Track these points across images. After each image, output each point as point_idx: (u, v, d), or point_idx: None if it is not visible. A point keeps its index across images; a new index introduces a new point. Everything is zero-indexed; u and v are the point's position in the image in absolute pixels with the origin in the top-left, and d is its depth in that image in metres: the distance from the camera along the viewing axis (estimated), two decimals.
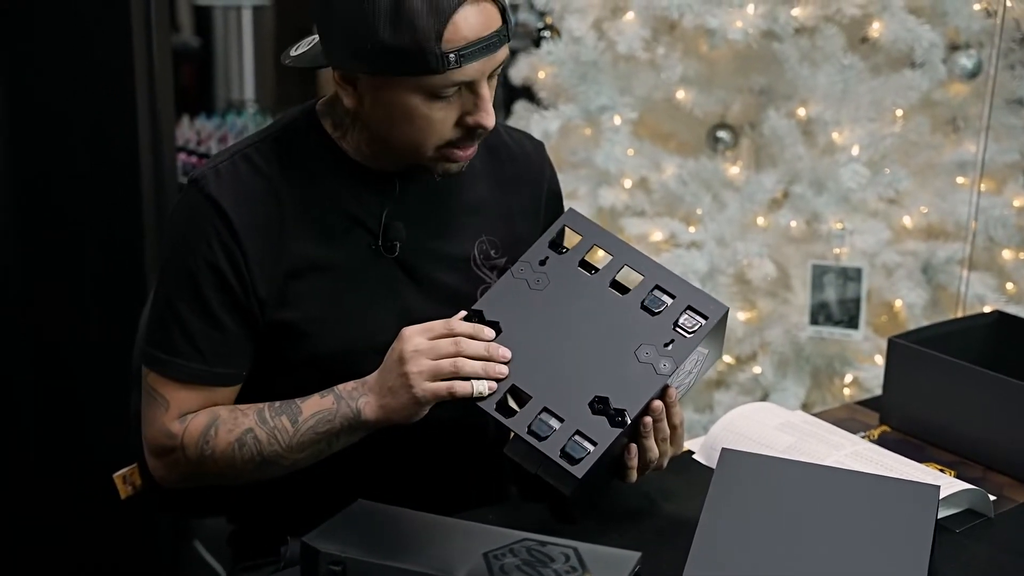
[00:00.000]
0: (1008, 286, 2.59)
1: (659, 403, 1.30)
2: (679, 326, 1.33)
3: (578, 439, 1.25)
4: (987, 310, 2.21)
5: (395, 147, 1.35)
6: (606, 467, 1.31)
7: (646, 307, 1.34)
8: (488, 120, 1.32)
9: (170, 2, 3.33)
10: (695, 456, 1.54)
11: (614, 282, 1.36)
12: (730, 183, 2.62)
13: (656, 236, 2.60)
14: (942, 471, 1.54)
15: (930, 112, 2.59)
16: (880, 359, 2.47)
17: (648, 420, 1.30)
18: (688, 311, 1.34)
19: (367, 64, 1.27)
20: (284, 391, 1.37)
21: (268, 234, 1.37)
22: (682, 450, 1.41)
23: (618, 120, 2.63)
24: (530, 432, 1.26)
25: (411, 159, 1.37)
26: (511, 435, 1.28)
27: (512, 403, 1.29)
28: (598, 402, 1.27)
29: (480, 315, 1.33)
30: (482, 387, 1.27)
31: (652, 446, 1.32)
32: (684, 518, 1.33)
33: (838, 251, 2.49)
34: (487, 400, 1.28)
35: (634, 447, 1.32)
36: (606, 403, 1.27)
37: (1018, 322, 1.80)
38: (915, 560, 1.19)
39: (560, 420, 1.26)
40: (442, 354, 1.27)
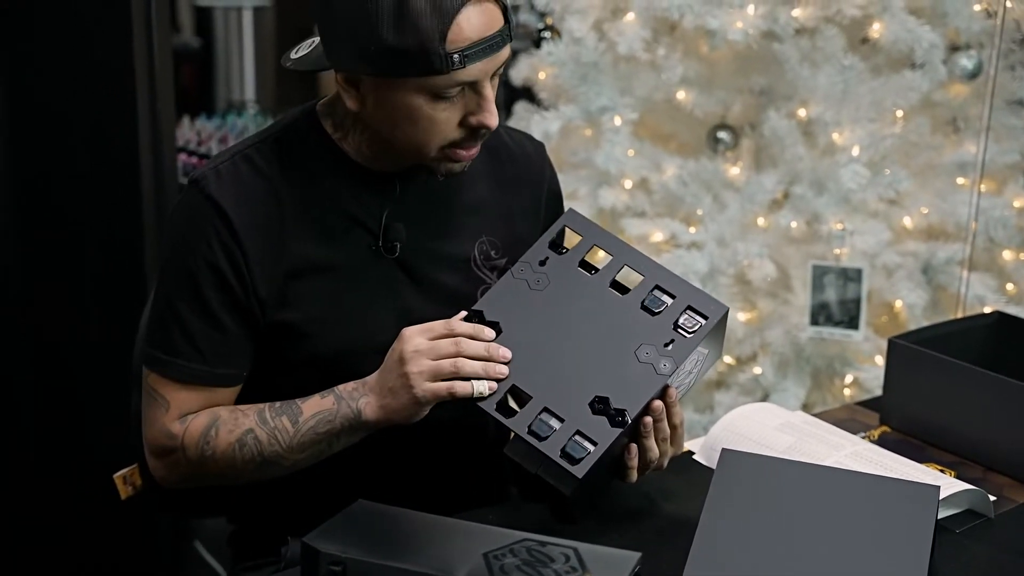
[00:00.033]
0: (1008, 287, 2.59)
1: (659, 403, 1.30)
2: (679, 326, 1.33)
3: (578, 439, 1.25)
4: (987, 311, 2.21)
5: (398, 148, 1.35)
6: (606, 467, 1.31)
7: (646, 307, 1.34)
8: (491, 120, 1.32)
9: (171, 2, 3.33)
10: (695, 456, 1.54)
11: (614, 282, 1.36)
12: (730, 184, 2.62)
13: (656, 237, 2.60)
14: (942, 471, 1.53)
15: (930, 113, 2.59)
16: (880, 360, 2.47)
17: (648, 420, 1.30)
18: (688, 311, 1.34)
19: (371, 66, 1.27)
20: (284, 391, 1.37)
21: (268, 234, 1.37)
22: (682, 450, 1.41)
23: (618, 121, 2.63)
24: (530, 432, 1.26)
25: (414, 159, 1.37)
26: (511, 435, 1.28)
27: (512, 403, 1.30)
28: (598, 402, 1.27)
29: (480, 315, 1.33)
30: (482, 387, 1.27)
31: (652, 446, 1.32)
32: (684, 518, 1.33)
33: (838, 252, 2.49)
34: (487, 400, 1.28)
35: (634, 447, 1.32)
36: (606, 403, 1.27)
37: (1018, 323, 1.80)
38: (915, 560, 1.19)
39: (560, 420, 1.26)
40: (442, 354, 1.27)
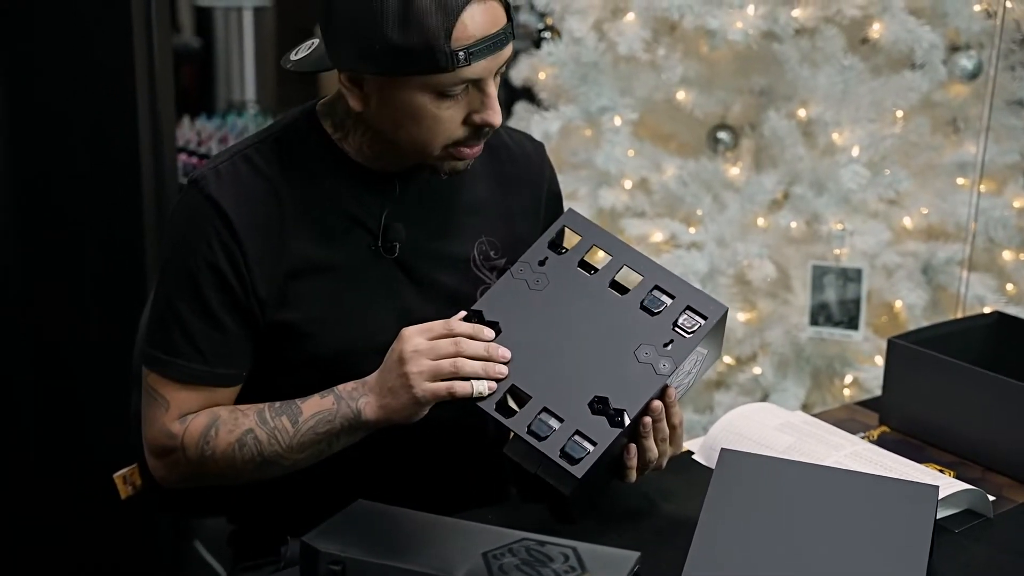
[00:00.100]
0: (1008, 287, 2.59)
1: (658, 403, 1.30)
2: (678, 326, 1.33)
3: (578, 439, 1.25)
4: (987, 311, 2.21)
5: (402, 147, 1.36)
6: (605, 467, 1.31)
7: (645, 307, 1.34)
8: (495, 118, 1.32)
9: (171, 3, 3.33)
10: (694, 456, 1.54)
11: (613, 282, 1.36)
12: (730, 184, 2.62)
13: (656, 237, 2.60)
14: (941, 471, 1.54)
15: (930, 113, 2.59)
16: (880, 360, 2.47)
17: (647, 420, 1.30)
18: (687, 311, 1.34)
19: (375, 64, 1.27)
20: (284, 391, 1.37)
21: (268, 234, 1.37)
22: (681, 450, 1.41)
23: (618, 121, 2.63)
24: (530, 432, 1.26)
25: (417, 159, 1.37)
26: (511, 435, 1.28)
27: (512, 403, 1.29)
28: (598, 402, 1.27)
29: (480, 315, 1.33)
30: (482, 387, 1.27)
31: (651, 446, 1.32)
32: (683, 518, 1.33)
33: (838, 252, 2.49)
34: (487, 400, 1.28)
35: (633, 447, 1.32)
36: (606, 403, 1.27)
37: (1018, 323, 1.80)
38: (914, 560, 1.19)
39: (560, 420, 1.26)
40: (442, 354, 1.27)
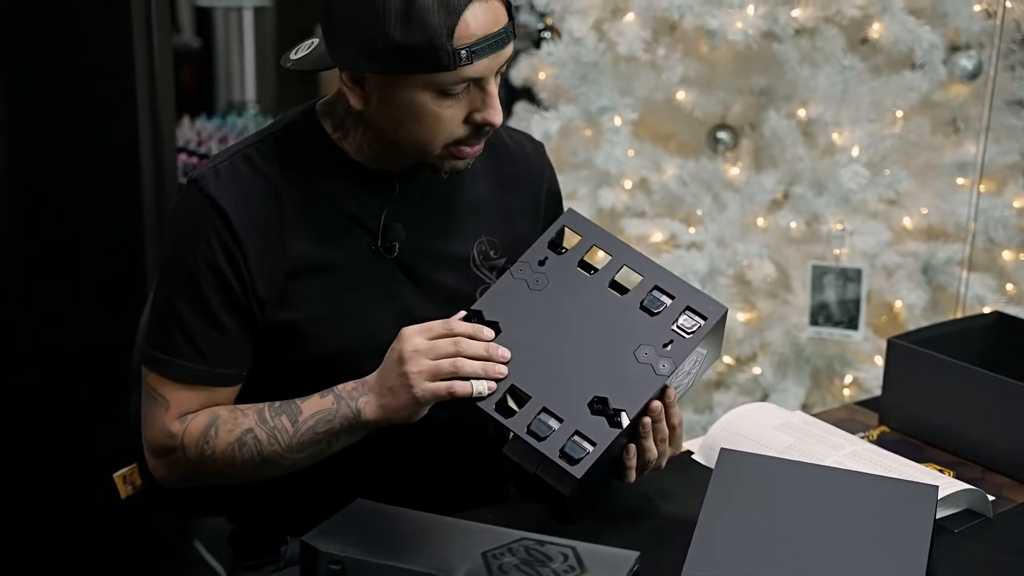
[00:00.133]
0: (1008, 287, 2.59)
1: (658, 403, 1.30)
2: (678, 326, 1.33)
3: (577, 439, 1.25)
4: (987, 311, 2.21)
5: (402, 146, 1.36)
6: (605, 467, 1.30)
7: (645, 307, 1.34)
8: (496, 117, 1.32)
9: (171, 3, 3.33)
10: (694, 456, 1.54)
11: (613, 282, 1.36)
12: (730, 184, 2.62)
13: (656, 237, 2.60)
14: (941, 471, 1.54)
15: (930, 113, 2.59)
16: (880, 360, 2.47)
17: (647, 420, 1.30)
18: (687, 311, 1.34)
19: (377, 63, 1.27)
20: (284, 391, 1.37)
21: (268, 234, 1.37)
22: (681, 450, 1.41)
23: (618, 121, 2.63)
24: (529, 432, 1.26)
25: (418, 158, 1.37)
26: (510, 435, 1.28)
27: (511, 403, 1.29)
28: (597, 402, 1.27)
29: (479, 315, 1.33)
30: (481, 387, 1.27)
31: (651, 446, 1.32)
32: (683, 518, 1.33)
33: (838, 252, 2.49)
34: (486, 400, 1.28)
35: (633, 447, 1.32)
36: (605, 403, 1.27)
37: (1018, 323, 1.80)
38: (913, 560, 1.19)
39: (559, 420, 1.26)
40: (441, 354, 1.27)
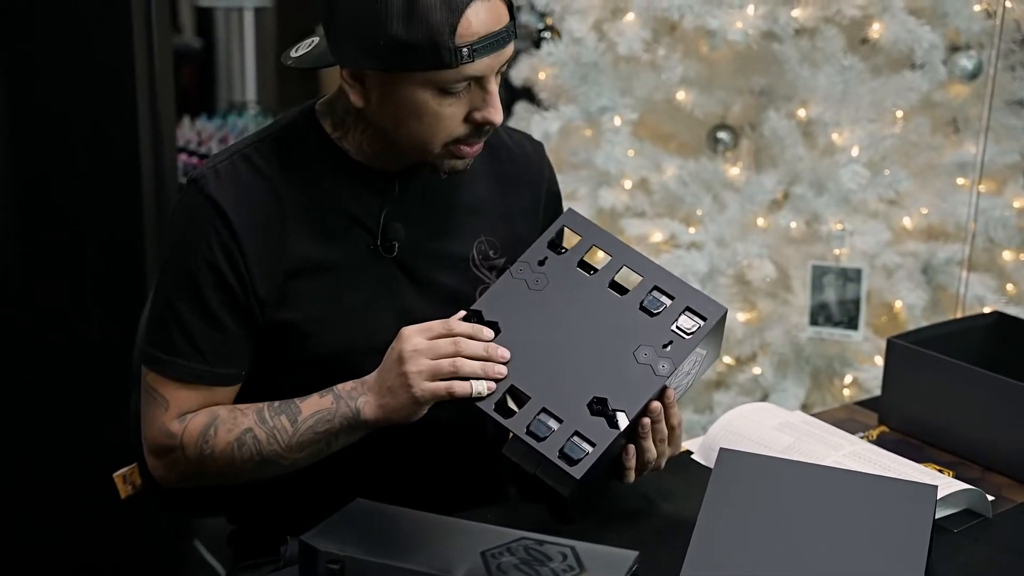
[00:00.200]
0: (1008, 287, 2.59)
1: (657, 404, 1.30)
2: (678, 327, 1.33)
3: (576, 440, 1.25)
4: (987, 311, 2.21)
5: (402, 145, 1.36)
6: (604, 467, 1.30)
7: (645, 308, 1.34)
8: (496, 116, 1.32)
9: (171, 3, 3.33)
10: (693, 456, 1.54)
11: (613, 283, 1.36)
12: (730, 184, 2.62)
13: (656, 237, 2.60)
14: (940, 471, 1.53)
15: (930, 113, 2.59)
16: (880, 360, 2.47)
17: (646, 421, 1.30)
18: (687, 312, 1.34)
19: (379, 60, 1.27)
20: (284, 391, 1.37)
21: (268, 234, 1.37)
22: (680, 450, 1.41)
23: (618, 121, 2.63)
24: (529, 433, 1.26)
25: (418, 157, 1.37)
26: (510, 435, 1.28)
27: (511, 403, 1.29)
28: (597, 403, 1.27)
29: (479, 315, 1.33)
30: (481, 387, 1.27)
31: (650, 447, 1.32)
32: (682, 518, 1.33)
33: (838, 252, 2.49)
34: (486, 400, 1.28)
35: (632, 448, 1.32)
36: (605, 404, 1.27)
37: (1017, 323, 1.80)
38: (912, 560, 1.19)
39: (559, 421, 1.26)
40: (441, 354, 1.27)
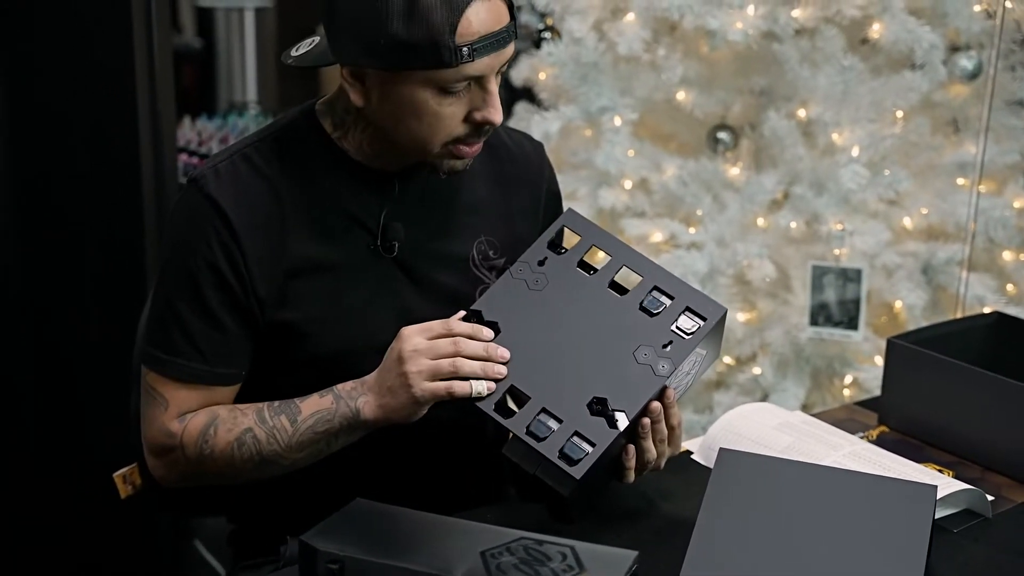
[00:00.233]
0: (1008, 287, 2.59)
1: (657, 404, 1.30)
2: (677, 327, 1.33)
3: (576, 440, 1.25)
4: (987, 311, 2.21)
5: (401, 144, 1.36)
6: (604, 468, 1.30)
7: (645, 308, 1.34)
8: (496, 116, 1.32)
9: (172, 3, 3.33)
10: (693, 456, 1.54)
11: (613, 283, 1.36)
12: (730, 184, 2.62)
13: (656, 237, 2.60)
14: (940, 471, 1.53)
15: (930, 113, 2.59)
16: (880, 360, 2.47)
17: (646, 421, 1.30)
18: (687, 312, 1.34)
19: (379, 59, 1.27)
20: (284, 391, 1.37)
21: (268, 234, 1.37)
22: (680, 451, 1.41)
23: (618, 121, 2.63)
24: (529, 433, 1.26)
25: (417, 156, 1.37)
26: (510, 435, 1.28)
27: (511, 403, 1.29)
28: (596, 403, 1.27)
29: (479, 315, 1.33)
30: (481, 387, 1.27)
31: (650, 447, 1.32)
32: (682, 518, 1.33)
33: (838, 252, 2.49)
34: (486, 400, 1.28)
35: (632, 448, 1.32)
36: (604, 404, 1.27)
37: (1017, 323, 1.80)
38: (912, 560, 1.19)
39: (559, 421, 1.26)
40: (441, 354, 1.27)
